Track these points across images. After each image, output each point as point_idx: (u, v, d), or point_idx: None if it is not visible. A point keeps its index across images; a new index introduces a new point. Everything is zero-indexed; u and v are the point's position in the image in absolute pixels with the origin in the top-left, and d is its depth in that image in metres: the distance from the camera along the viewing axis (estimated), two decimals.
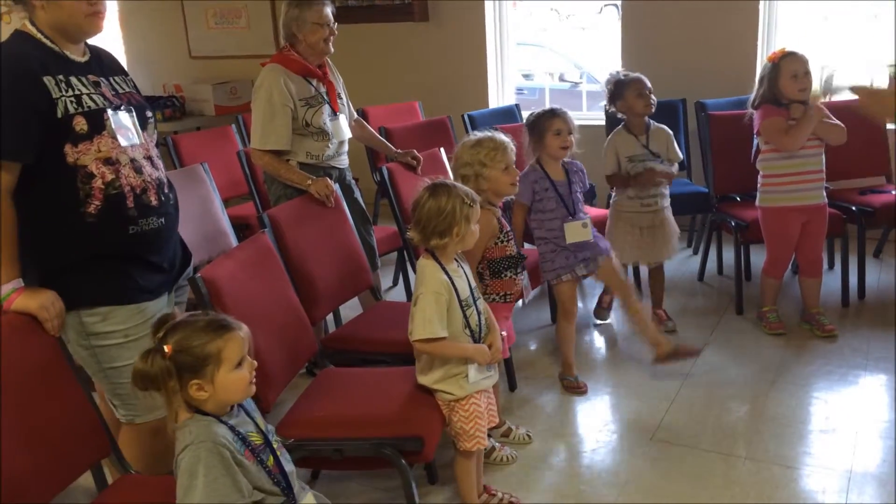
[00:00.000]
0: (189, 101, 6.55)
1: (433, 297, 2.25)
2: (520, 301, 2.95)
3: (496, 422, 2.54)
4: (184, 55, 6.91)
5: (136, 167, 2.09)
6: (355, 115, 3.62)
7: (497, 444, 2.80)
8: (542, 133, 3.16)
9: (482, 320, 2.40)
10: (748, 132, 3.64)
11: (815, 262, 3.65)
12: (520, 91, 6.69)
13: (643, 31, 5.13)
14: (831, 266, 4.32)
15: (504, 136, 2.78)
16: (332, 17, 3.25)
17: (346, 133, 3.41)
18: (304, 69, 3.22)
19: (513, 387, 3.29)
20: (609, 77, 3.68)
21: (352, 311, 3.24)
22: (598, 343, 3.79)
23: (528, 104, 5.69)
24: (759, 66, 4.85)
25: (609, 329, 3.90)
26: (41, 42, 2.01)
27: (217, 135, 4.75)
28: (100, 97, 2.05)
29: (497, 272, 2.76)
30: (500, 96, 5.86)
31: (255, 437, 1.75)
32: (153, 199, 2.13)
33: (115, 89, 2.14)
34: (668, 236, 3.66)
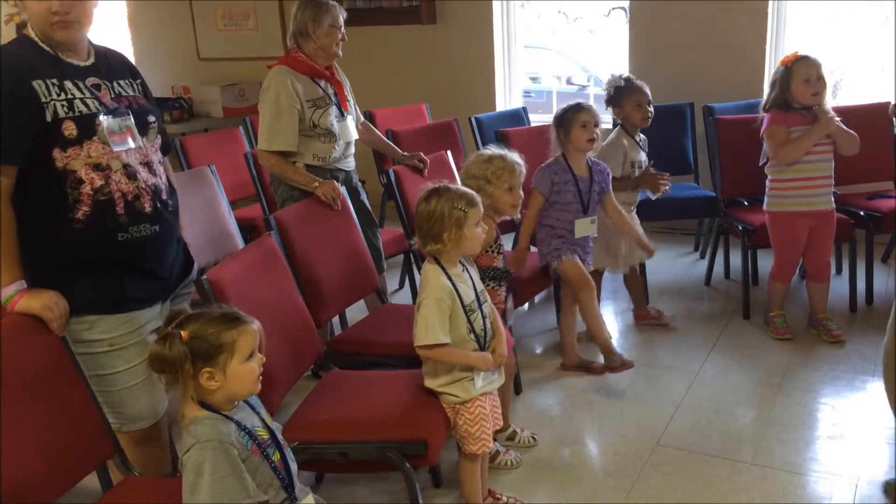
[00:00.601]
0: (197, 102, 6.57)
1: (435, 303, 2.25)
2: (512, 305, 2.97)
3: (501, 425, 2.54)
4: (192, 57, 6.94)
5: (129, 173, 2.05)
6: (362, 118, 3.63)
7: (502, 448, 2.80)
8: (569, 126, 3.23)
9: (487, 324, 2.39)
10: (756, 136, 3.62)
11: (823, 267, 3.64)
12: (527, 94, 6.68)
13: (651, 35, 5.12)
14: (839, 271, 4.30)
15: (517, 158, 2.79)
16: (343, 24, 3.29)
17: (353, 134, 3.41)
18: (312, 70, 3.23)
19: (518, 390, 3.29)
20: (610, 79, 3.67)
21: (358, 314, 3.24)
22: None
23: (535, 107, 5.70)
24: (768, 70, 4.86)
25: (611, 334, 3.89)
26: (39, 46, 1.99)
27: (224, 136, 4.76)
28: (94, 101, 2.01)
29: (480, 279, 2.75)
30: (507, 99, 5.86)
31: (262, 432, 1.76)
32: (147, 205, 2.09)
33: (117, 93, 2.10)
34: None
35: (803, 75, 3.39)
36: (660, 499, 2.58)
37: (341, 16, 3.27)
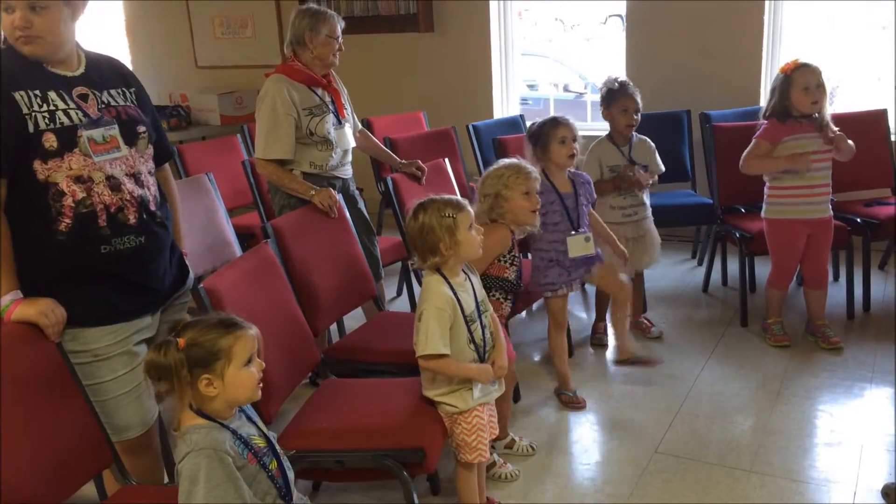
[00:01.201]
0: (195, 110, 6.57)
1: (436, 314, 2.24)
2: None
3: (497, 433, 2.53)
4: (190, 64, 6.95)
5: (112, 185, 2.03)
6: (359, 126, 3.63)
7: (499, 460, 2.78)
8: (547, 142, 3.13)
9: (487, 335, 2.39)
10: None
11: (821, 273, 3.64)
12: (524, 101, 6.70)
13: (647, 42, 5.14)
14: (836, 278, 4.30)
15: (529, 165, 2.81)
16: (341, 34, 3.30)
17: (351, 142, 3.41)
18: (309, 78, 3.24)
19: (516, 398, 3.28)
20: (605, 81, 3.65)
21: (355, 322, 3.24)
22: (601, 355, 3.77)
23: (532, 114, 5.68)
24: (764, 77, 4.87)
25: (612, 341, 3.88)
26: (23, 56, 1.98)
27: (222, 144, 4.77)
28: (77, 113, 1.99)
29: (487, 288, 2.72)
30: (504, 106, 5.87)
31: (258, 440, 1.76)
32: (131, 217, 2.07)
33: (106, 102, 2.08)
34: (647, 245, 3.66)
35: (803, 83, 3.38)
36: None
37: (339, 26, 3.27)
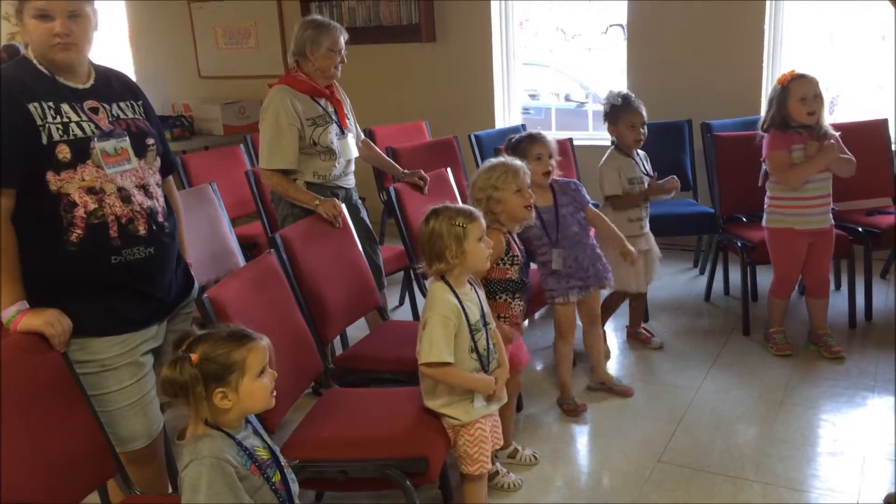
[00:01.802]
0: (198, 120, 6.60)
1: (441, 322, 2.25)
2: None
3: (501, 444, 2.53)
4: (193, 74, 6.98)
5: (123, 196, 2.06)
6: (362, 136, 3.65)
7: (502, 469, 2.78)
8: (523, 158, 3.01)
9: (491, 345, 2.39)
10: (754, 153, 3.63)
11: (822, 282, 3.64)
12: (526, 111, 6.71)
13: (649, 52, 5.16)
14: (838, 287, 4.31)
15: (518, 162, 2.80)
16: (344, 46, 3.30)
17: (354, 152, 3.43)
18: (312, 89, 3.25)
19: (519, 407, 3.28)
20: (609, 96, 3.64)
21: (357, 331, 3.25)
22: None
23: (534, 124, 5.72)
24: (765, 86, 4.89)
25: (614, 350, 3.89)
26: (36, 68, 2.01)
27: (225, 154, 4.78)
28: (90, 125, 2.02)
29: (492, 293, 2.73)
30: (506, 116, 5.89)
31: (262, 452, 1.76)
32: (141, 228, 2.09)
33: (116, 115, 2.11)
34: (652, 259, 3.66)
35: (800, 94, 3.39)
36: None
37: (342, 38, 3.28)
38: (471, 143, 4.65)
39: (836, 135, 3.45)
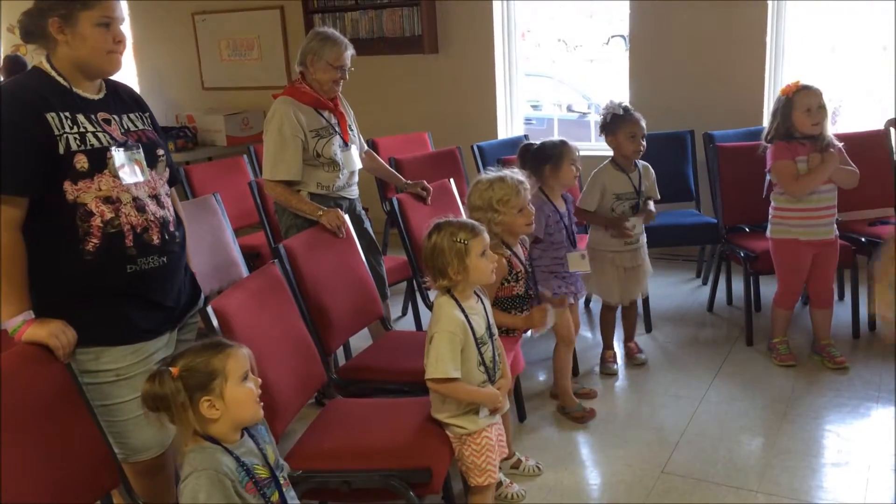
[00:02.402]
0: (201, 131, 6.62)
1: (447, 337, 2.24)
2: (529, 332, 2.94)
3: (506, 453, 2.53)
4: (197, 86, 7.01)
5: (138, 206, 2.08)
6: (365, 147, 3.66)
7: (506, 480, 2.78)
8: (559, 163, 3.19)
9: (497, 356, 2.39)
10: (757, 163, 3.63)
11: (826, 293, 3.64)
12: (528, 121, 6.73)
13: (650, 62, 5.17)
14: (841, 297, 4.30)
15: (518, 176, 2.78)
16: (348, 63, 3.29)
17: (357, 164, 3.44)
18: (315, 101, 3.26)
19: (522, 417, 3.28)
20: (607, 106, 3.61)
21: (360, 342, 3.25)
22: (606, 377, 3.76)
23: (536, 134, 5.72)
24: (767, 97, 4.90)
25: (617, 360, 3.88)
26: (53, 79, 2.02)
27: (229, 165, 4.80)
28: (105, 135, 2.04)
29: (505, 310, 2.80)
30: (508, 127, 5.90)
31: (261, 471, 1.75)
32: (155, 238, 2.11)
33: (127, 127, 2.13)
34: (641, 277, 3.63)
35: (804, 105, 3.39)
36: None
37: (346, 54, 3.26)
38: (473, 153, 4.66)
39: (840, 145, 3.46)
